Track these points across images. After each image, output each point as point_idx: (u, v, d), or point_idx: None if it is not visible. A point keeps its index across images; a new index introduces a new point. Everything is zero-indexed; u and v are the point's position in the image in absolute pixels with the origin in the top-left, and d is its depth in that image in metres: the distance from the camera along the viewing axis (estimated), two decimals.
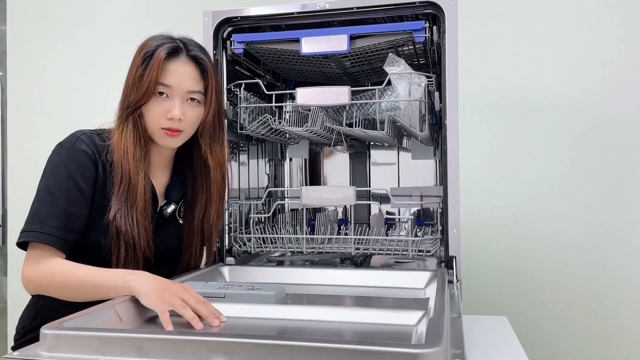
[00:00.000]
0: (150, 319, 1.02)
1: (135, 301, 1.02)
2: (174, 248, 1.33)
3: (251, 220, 1.56)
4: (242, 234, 1.52)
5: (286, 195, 1.95)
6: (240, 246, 1.49)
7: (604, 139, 1.89)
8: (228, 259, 1.46)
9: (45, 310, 1.21)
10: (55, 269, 1.12)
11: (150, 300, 0.99)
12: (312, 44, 1.39)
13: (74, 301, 1.11)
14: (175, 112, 1.20)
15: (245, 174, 1.70)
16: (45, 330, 0.81)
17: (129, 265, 1.20)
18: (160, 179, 1.32)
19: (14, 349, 1.19)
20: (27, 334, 1.24)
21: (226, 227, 1.47)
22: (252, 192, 1.75)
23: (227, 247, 1.47)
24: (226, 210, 1.47)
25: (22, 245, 1.15)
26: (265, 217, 1.69)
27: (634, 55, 1.87)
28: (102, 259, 1.20)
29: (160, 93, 1.21)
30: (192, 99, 1.24)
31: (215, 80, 1.28)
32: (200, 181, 1.33)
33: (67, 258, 1.17)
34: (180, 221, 1.34)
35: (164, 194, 1.33)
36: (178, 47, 1.23)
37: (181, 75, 1.22)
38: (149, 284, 1.03)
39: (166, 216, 1.30)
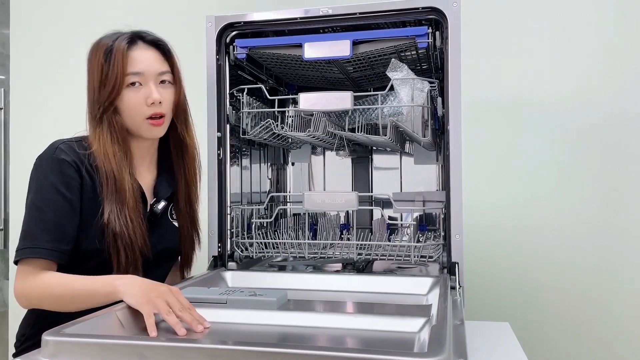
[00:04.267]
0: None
1: None
2: (171, 246, 1.34)
3: (253, 225, 1.56)
4: (244, 238, 1.52)
5: (288, 200, 1.95)
6: (242, 251, 1.49)
7: (609, 145, 1.88)
8: (230, 264, 1.46)
9: (45, 317, 1.20)
10: (45, 282, 1.13)
11: (136, 301, 0.99)
12: (314, 49, 1.39)
13: (68, 312, 1.11)
14: (155, 95, 1.22)
15: (248, 178, 1.70)
16: (46, 337, 0.81)
17: (130, 266, 1.20)
18: (146, 178, 1.33)
19: (14, 356, 1.19)
20: (28, 341, 1.23)
21: (228, 231, 1.47)
22: (254, 196, 1.75)
23: (229, 252, 1.46)
24: (228, 215, 1.47)
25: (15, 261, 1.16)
26: (267, 222, 1.69)
27: (636, 56, 1.87)
28: (102, 264, 1.20)
29: (133, 83, 1.21)
30: (163, 81, 1.26)
31: (177, 59, 1.31)
32: (178, 164, 1.35)
33: (67, 267, 1.17)
34: (175, 223, 1.35)
35: (152, 193, 1.33)
36: (133, 36, 1.25)
37: (147, 60, 1.24)
38: (136, 285, 1.04)
39: (158, 214, 1.31)
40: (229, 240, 1.47)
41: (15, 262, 1.16)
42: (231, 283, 1.36)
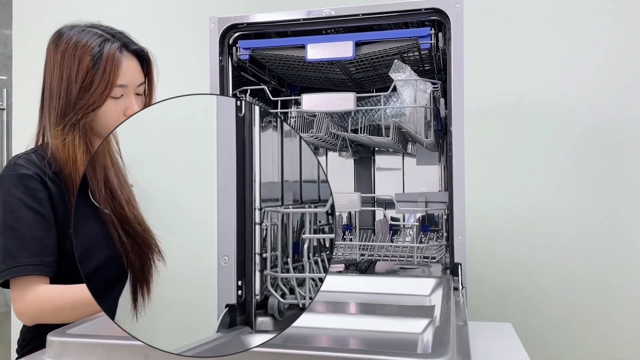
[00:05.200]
0: None
1: None
2: None
3: None
4: None
5: None
6: None
7: (612, 146, 1.88)
8: None
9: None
10: (43, 296, 1.11)
11: None
12: (317, 51, 1.39)
13: (73, 321, 1.11)
14: (135, 109, 1.21)
15: None
16: (51, 337, 0.81)
17: None
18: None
19: (18, 355, 1.19)
20: (28, 345, 1.23)
21: None
22: None
23: None
24: None
25: (5, 284, 1.13)
26: None
27: (637, 58, 1.87)
28: None
29: (117, 97, 1.20)
30: (140, 92, 1.26)
31: (155, 69, 1.30)
32: None
33: (64, 278, 1.16)
34: None
35: None
36: (121, 45, 1.22)
37: (132, 73, 1.22)
38: None
39: None
40: None
41: (4, 285, 1.13)
42: None
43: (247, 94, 1.48)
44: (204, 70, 1.46)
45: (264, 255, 0.91)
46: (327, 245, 0.98)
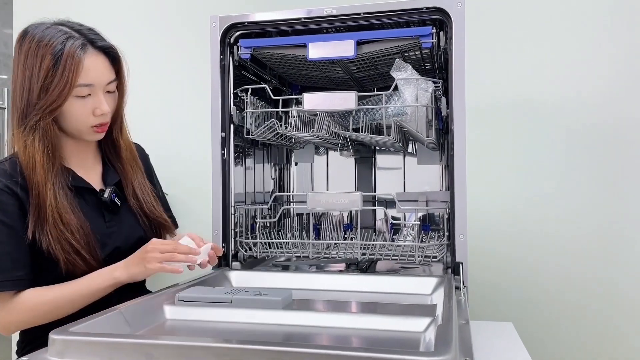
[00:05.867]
0: (158, 325, 1.02)
1: (142, 305, 1.02)
2: (139, 234, 1.33)
3: (257, 225, 1.56)
4: (248, 238, 1.52)
5: (292, 200, 1.96)
6: (246, 251, 1.49)
7: (614, 147, 1.88)
8: (234, 263, 1.46)
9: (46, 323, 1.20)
10: (26, 303, 1.13)
11: (140, 271, 1.16)
12: (319, 50, 1.39)
13: (60, 318, 1.14)
14: (104, 107, 1.20)
15: (251, 178, 1.70)
16: (53, 336, 0.81)
17: (99, 266, 1.21)
18: (92, 170, 1.32)
19: (18, 354, 1.19)
20: (32, 342, 1.23)
21: (232, 231, 1.47)
22: (258, 196, 1.75)
23: (233, 252, 1.47)
24: (232, 215, 1.47)
25: None
26: (271, 222, 1.69)
27: (637, 59, 1.87)
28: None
29: (83, 96, 1.17)
30: (110, 90, 1.23)
31: (125, 65, 1.27)
32: (114, 163, 1.35)
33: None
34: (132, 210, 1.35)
35: (102, 183, 1.32)
36: (85, 42, 1.18)
37: (99, 70, 1.19)
38: (129, 263, 1.17)
39: (108, 202, 1.28)
40: (232, 240, 1.47)
41: None
42: (235, 283, 1.36)
43: (248, 93, 1.48)
44: (205, 69, 1.46)
45: (236, 230, 1.49)
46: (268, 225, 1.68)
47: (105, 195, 1.28)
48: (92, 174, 1.31)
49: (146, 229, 1.35)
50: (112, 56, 1.24)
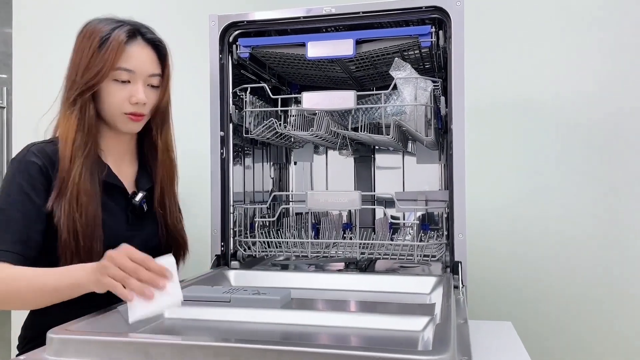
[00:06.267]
0: (156, 324, 1.02)
1: None
2: (154, 242, 1.31)
3: (256, 224, 1.56)
4: (247, 237, 1.52)
5: (291, 199, 1.96)
6: (245, 250, 1.49)
7: (613, 145, 1.88)
8: (233, 262, 1.46)
9: (51, 317, 1.17)
10: (7, 281, 1.05)
11: (96, 279, 0.96)
12: (318, 49, 1.39)
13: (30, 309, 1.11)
14: (140, 96, 1.19)
15: (250, 177, 1.70)
16: (51, 335, 0.81)
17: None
18: (127, 170, 1.30)
19: (18, 354, 1.18)
20: (30, 343, 1.22)
21: (231, 230, 1.47)
22: (257, 195, 1.75)
23: (232, 251, 1.47)
24: (231, 214, 1.47)
25: None
26: (270, 221, 1.69)
27: (638, 57, 1.87)
28: None
29: (122, 80, 1.18)
30: (152, 83, 1.23)
31: (171, 63, 1.28)
32: (152, 165, 1.32)
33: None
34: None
35: (135, 185, 1.30)
36: (134, 30, 1.21)
37: (142, 59, 1.21)
38: (90, 269, 0.99)
39: (137, 206, 1.27)
40: (231, 239, 1.47)
41: None
42: (234, 282, 1.36)
43: (247, 92, 1.48)
44: (204, 68, 1.46)
45: (234, 229, 1.49)
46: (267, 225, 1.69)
47: (137, 199, 1.27)
48: (126, 174, 1.30)
49: (162, 240, 1.33)
50: (160, 51, 1.25)
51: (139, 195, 1.28)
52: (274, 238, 1.54)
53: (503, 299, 1.94)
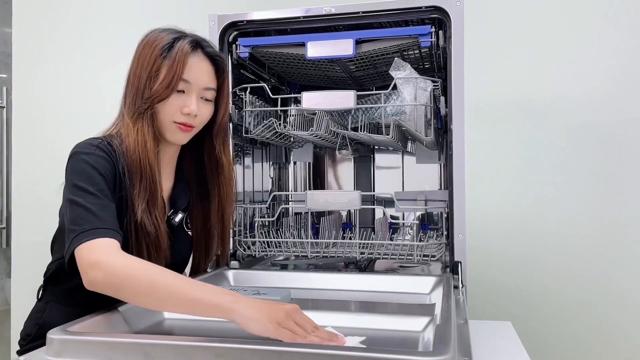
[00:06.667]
0: (156, 324, 1.02)
1: None
2: (183, 257, 1.31)
3: (256, 224, 1.56)
4: (247, 237, 1.52)
5: (290, 199, 1.95)
6: (244, 250, 1.49)
7: (611, 143, 1.89)
8: (232, 262, 1.46)
9: (52, 317, 1.17)
10: (141, 266, 0.97)
11: (264, 328, 0.87)
12: (317, 48, 1.39)
13: (141, 306, 0.99)
14: (193, 107, 1.18)
15: (250, 177, 1.70)
16: (51, 335, 0.81)
17: None
18: (165, 185, 1.28)
19: (19, 354, 1.18)
20: (34, 341, 1.22)
21: (230, 230, 1.47)
22: (257, 195, 1.75)
23: (231, 251, 1.47)
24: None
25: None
26: (269, 221, 1.69)
27: (639, 58, 1.87)
28: None
29: (178, 90, 1.17)
30: (206, 97, 1.21)
31: (229, 79, 1.27)
32: (213, 181, 1.30)
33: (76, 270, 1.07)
34: (189, 232, 1.31)
35: (169, 200, 1.29)
36: (196, 42, 1.20)
37: (200, 72, 1.19)
38: (255, 307, 0.90)
39: (174, 226, 1.26)
40: (231, 239, 1.47)
41: (74, 251, 1.00)
42: (234, 282, 1.36)
43: (247, 92, 1.48)
44: None
45: (234, 229, 1.49)
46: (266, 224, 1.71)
47: (176, 219, 1.27)
48: (164, 187, 1.26)
49: (190, 253, 1.32)
50: (217, 65, 1.24)
51: (178, 217, 1.27)
52: (274, 238, 1.54)
53: (503, 299, 1.95)
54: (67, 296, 1.20)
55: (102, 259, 0.96)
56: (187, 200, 1.30)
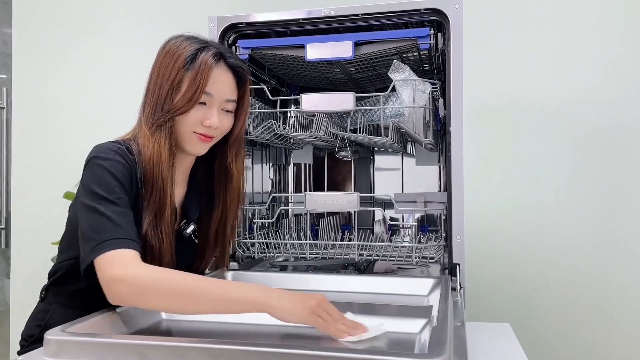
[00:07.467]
0: (153, 325, 1.02)
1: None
2: (187, 263, 1.29)
3: (255, 225, 1.57)
4: (246, 239, 1.52)
5: (290, 201, 1.96)
6: (244, 251, 1.49)
7: (609, 145, 1.89)
8: (232, 264, 1.46)
9: (56, 319, 1.16)
10: (164, 275, 0.98)
11: (298, 316, 0.94)
12: (317, 50, 1.39)
13: (173, 312, 1.03)
14: (214, 120, 1.16)
15: (250, 178, 1.70)
16: (49, 336, 0.81)
17: None
18: (177, 194, 1.26)
19: (19, 354, 1.18)
20: (35, 343, 1.21)
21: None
22: (256, 196, 1.75)
23: (230, 252, 1.47)
24: None
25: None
26: (268, 222, 1.69)
27: (639, 61, 1.87)
28: None
29: (200, 102, 1.15)
30: (227, 108, 1.20)
31: (249, 89, 1.25)
32: (219, 190, 1.29)
33: (78, 278, 1.08)
34: (196, 241, 1.30)
35: (181, 209, 1.27)
36: (219, 54, 1.18)
37: (222, 84, 1.18)
38: (286, 298, 0.96)
39: (185, 237, 1.25)
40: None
41: (92, 261, 1.00)
42: None
43: None
44: None
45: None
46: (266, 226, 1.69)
47: (188, 230, 1.26)
48: (175, 196, 1.24)
49: (193, 258, 1.31)
50: (239, 77, 1.22)
51: (190, 227, 1.26)
52: (273, 239, 1.54)
53: (501, 301, 1.95)
54: (71, 298, 1.19)
55: (127, 274, 0.96)
56: (199, 210, 1.29)
